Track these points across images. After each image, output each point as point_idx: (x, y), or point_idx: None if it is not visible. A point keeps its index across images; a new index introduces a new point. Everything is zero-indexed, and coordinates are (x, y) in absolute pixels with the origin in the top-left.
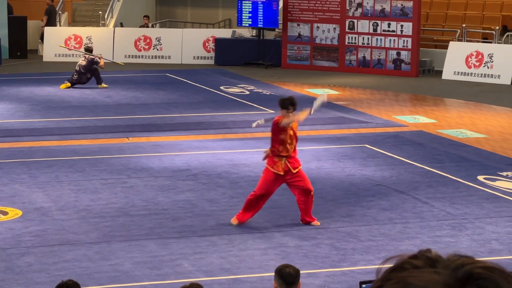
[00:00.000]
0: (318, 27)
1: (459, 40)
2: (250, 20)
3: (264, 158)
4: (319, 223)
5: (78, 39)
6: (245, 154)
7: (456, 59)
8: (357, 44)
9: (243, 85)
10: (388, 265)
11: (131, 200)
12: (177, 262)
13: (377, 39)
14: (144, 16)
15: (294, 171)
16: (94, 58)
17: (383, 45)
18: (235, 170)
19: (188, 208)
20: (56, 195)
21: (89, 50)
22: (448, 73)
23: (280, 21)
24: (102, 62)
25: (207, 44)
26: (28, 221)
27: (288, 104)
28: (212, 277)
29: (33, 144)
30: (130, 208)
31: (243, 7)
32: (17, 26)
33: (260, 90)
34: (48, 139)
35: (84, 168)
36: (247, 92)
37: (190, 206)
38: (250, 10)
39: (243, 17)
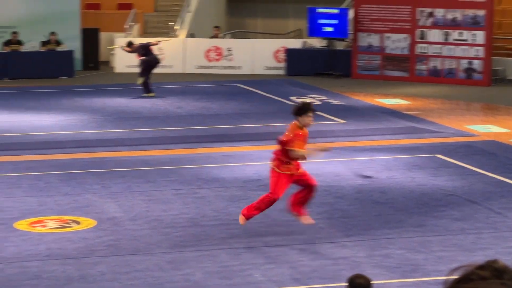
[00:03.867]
0: (388, 37)
1: None
2: (321, 30)
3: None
4: (312, 221)
5: None
6: (316, 164)
7: None
8: (428, 53)
9: (313, 95)
10: (456, 276)
11: (202, 210)
12: (248, 272)
13: (448, 48)
14: (215, 27)
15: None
16: (140, 46)
17: (454, 55)
18: None
19: (259, 218)
20: (128, 205)
21: (130, 44)
22: None
23: (351, 31)
24: (155, 41)
25: (277, 55)
26: (101, 230)
27: (306, 109)
28: (283, 287)
29: (105, 154)
30: (201, 219)
31: (313, 17)
32: (89, 38)
33: (331, 100)
34: (120, 150)
35: (155, 178)
36: (318, 102)
37: (260, 216)
38: (321, 20)
39: (313, 27)
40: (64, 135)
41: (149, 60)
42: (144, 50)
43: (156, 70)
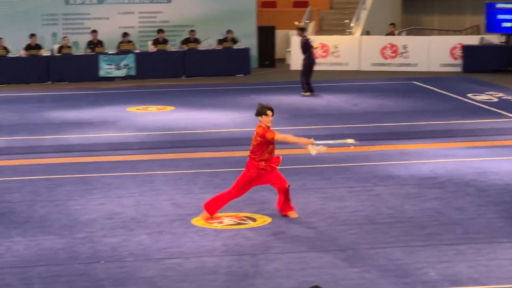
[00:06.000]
0: None
1: None
2: (500, 26)
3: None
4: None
5: (325, 48)
6: (494, 162)
7: None
8: None
9: (491, 92)
10: None
11: (377, 208)
12: (423, 270)
13: None
14: (390, 24)
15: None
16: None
17: None
18: (483, 178)
19: (435, 216)
20: (303, 202)
21: (303, 29)
22: None
23: None
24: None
25: (454, 51)
26: (276, 227)
27: (266, 109)
28: (460, 287)
29: (280, 152)
30: (376, 216)
31: (492, 13)
32: (265, 36)
33: (509, 98)
34: (297, 147)
35: (331, 175)
36: (496, 100)
37: (436, 214)
38: (500, 16)
39: (491, 23)
40: (241, 132)
41: (309, 59)
42: (307, 48)
43: (331, 68)
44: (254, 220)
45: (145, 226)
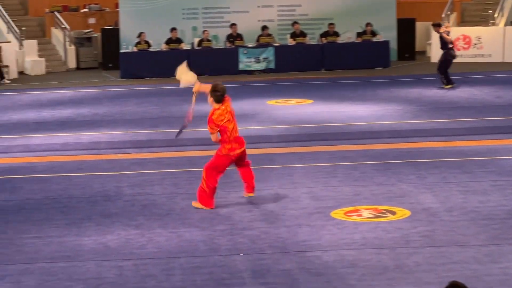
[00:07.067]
0: None
1: None
2: None
3: None
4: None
5: (467, 40)
6: None
7: None
8: None
9: None
10: None
11: None
12: None
13: None
14: None
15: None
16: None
17: None
18: None
19: None
20: (444, 196)
21: (439, 25)
22: None
23: None
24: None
25: None
26: (416, 221)
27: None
28: None
29: (420, 145)
30: None
31: None
32: (405, 28)
33: None
34: (436, 140)
35: (472, 169)
36: None
37: None
38: None
39: None
40: (380, 126)
41: (446, 54)
42: (444, 43)
43: (473, 60)
44: (393, 213)
45: (284, 219)
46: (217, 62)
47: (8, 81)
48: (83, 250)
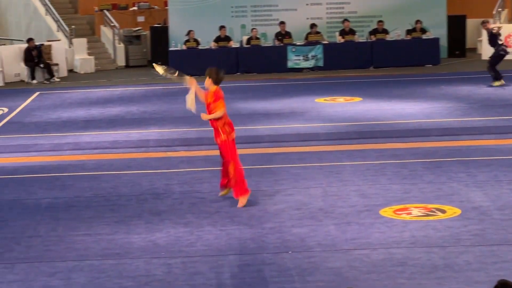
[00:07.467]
0: None
1: None
2: None
3: None
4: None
5: None
6: None
7: None
8: None
9: None
10: None
11: None
12: None
13: None
14: None
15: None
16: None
17: None
18: None
19: None
20: (495, 195)
21: (486, 22)
22: None
23: None
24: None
25: None
26: (467, 219)
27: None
28: None
29: (471, 143)
30: None
31: None
32: (455, 25)
33: None
34: (486, 138)
35: None
36: None
37: None
38: None
39: None
40: (429, 123)
41: (496, 51)
42: (493, 40)
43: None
44: (443, 211)
45: (332, 217)
46: (265, 60)
47: (57, 79)
48: (132, 248)
